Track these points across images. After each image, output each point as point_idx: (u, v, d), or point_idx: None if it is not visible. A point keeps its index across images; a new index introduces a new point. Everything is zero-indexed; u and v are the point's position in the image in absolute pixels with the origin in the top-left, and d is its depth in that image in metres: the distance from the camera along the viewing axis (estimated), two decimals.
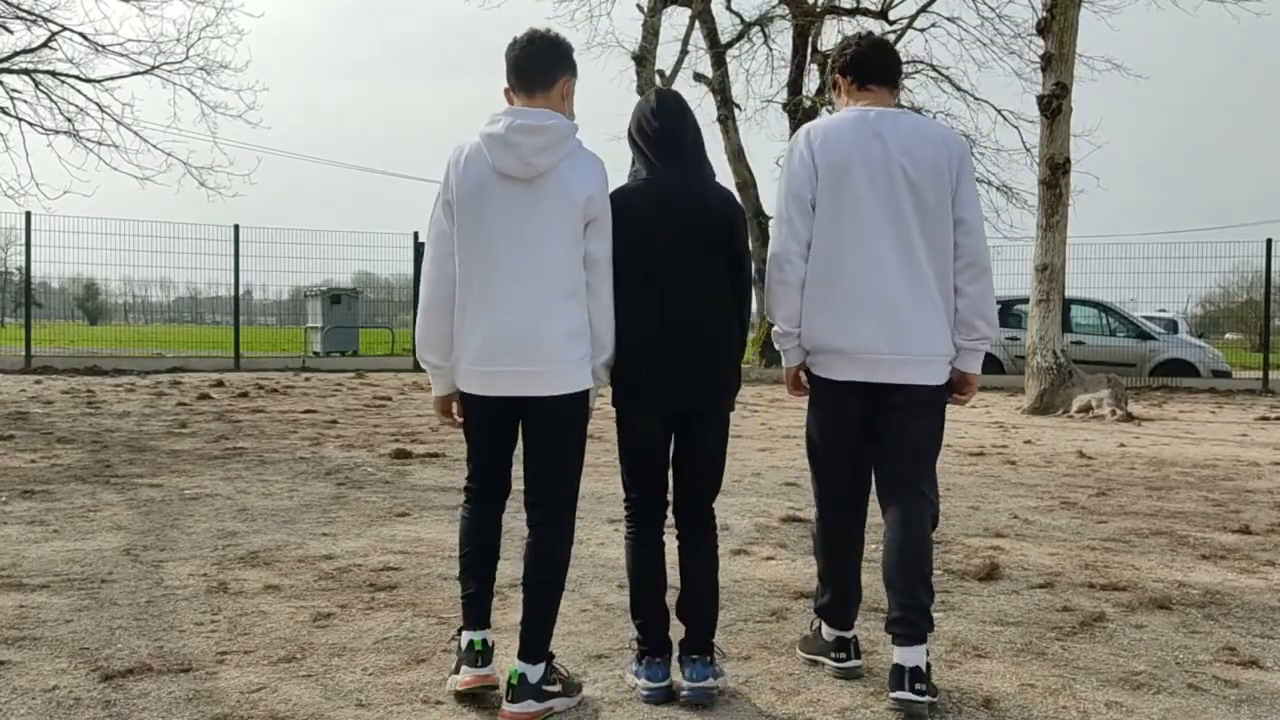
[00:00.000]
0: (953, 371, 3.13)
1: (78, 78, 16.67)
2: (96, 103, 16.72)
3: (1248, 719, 2.95)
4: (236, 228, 19.14)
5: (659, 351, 3.02)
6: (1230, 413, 12.93)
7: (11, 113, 16.55)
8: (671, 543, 3.16)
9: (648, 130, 3.11)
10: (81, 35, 16.42)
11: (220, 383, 14.70)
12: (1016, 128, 19.17)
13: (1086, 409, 12.06)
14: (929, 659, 2.95)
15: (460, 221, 2.94)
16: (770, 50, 20.62)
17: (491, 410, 2.99)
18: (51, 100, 16.63)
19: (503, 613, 3.85)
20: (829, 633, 3.28)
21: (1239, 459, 8.45)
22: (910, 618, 2.94)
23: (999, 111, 19.37)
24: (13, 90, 16.65)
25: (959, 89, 19.52)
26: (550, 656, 2.99)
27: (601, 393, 3.13)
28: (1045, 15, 12.84)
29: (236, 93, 30.25)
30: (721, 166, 19.59)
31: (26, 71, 16.66)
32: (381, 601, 3.99)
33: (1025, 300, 14.38)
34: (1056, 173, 12.57)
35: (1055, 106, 12.54)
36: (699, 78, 19.48)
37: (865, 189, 3.04)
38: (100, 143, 16.47)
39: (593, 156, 3.00)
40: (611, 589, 4.20)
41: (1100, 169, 43.66)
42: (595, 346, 3.01)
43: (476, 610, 3.07)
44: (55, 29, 16.32)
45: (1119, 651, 3.51)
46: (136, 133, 16.55)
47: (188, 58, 16.71)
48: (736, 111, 19.45)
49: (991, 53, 27.67)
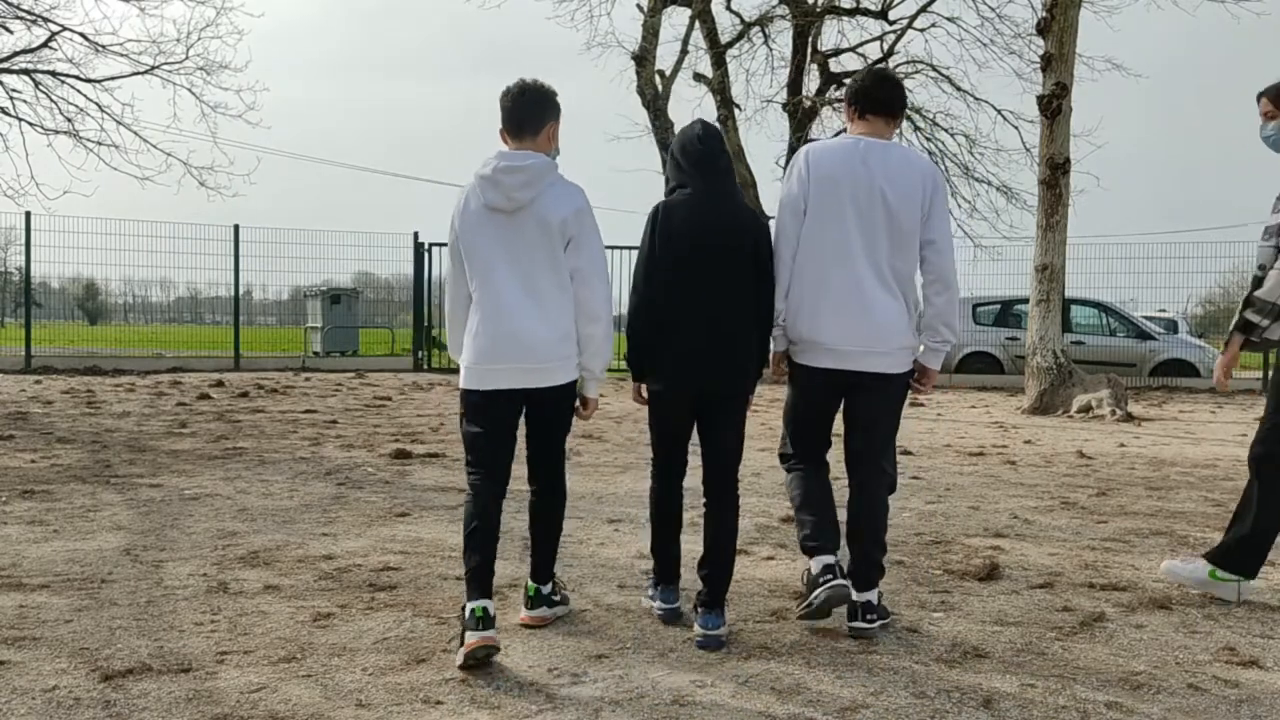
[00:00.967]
0: (916, 365, 3.76)
1: (78, 78, 16.68)
2: (96, 103, 16.74)
3: (1248, 719, 2.95)
4: (236, 228, 19.16)
5: (682, 337, 3.57)
6: (1230, 413, 12.94)
7: (11, 113, 16.56)
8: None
9: (691, 151, 3.67)
10: (81, 35, 16.44)
11: (220, 383, 14.70)
12: (1016, 128, 19.17)
13: (1086, 409, 12.06)
14: (879, 592, 3.71)
15: (466, 250, 3.52)
16: (770, 50, 20.63)
17: (494, 402, 3.50)
18: (51, 100, 16.65)
19: (503, 613, 3.86)
20: (816, 564, 3.64)
21: (1239, 459, 8.45)
22: (863, 569, 3.67)
23: (999, 111, 19.36)
24: (13, 90, 16.65)
25: (959, 89, 19.50)
26: (553, 575, 3.75)
27: (602, 393, 3.57)
28: (1045, 15, 12.84)
29: (236, 93, 30.25)
30: None
31: (26, 71, 16.66)
32: (381, 601, 3.99)
33: (1025, 300, 14.38)
34: (1056, 173, 12.58)
35: (1055, 106, 12.54)
36: (699, 78, 19.47)
37: (848, 207, 3.59)
38: (100, 143, 16.48)
39: (571, 185, 3.53)
40: (611, 589, 4.20)
41: (1100, 169, 43.65)
42: (584, 346, 3.55)
43: (479, 582, 3.40)
44: (55, 29, 16.33)
45: (1119, 651, 3.51)
46: (136, 133, 16.56)
47: (188, 58, 16.72)
48: (736, 111, 19.44)
49: (991, 53, 27.79)
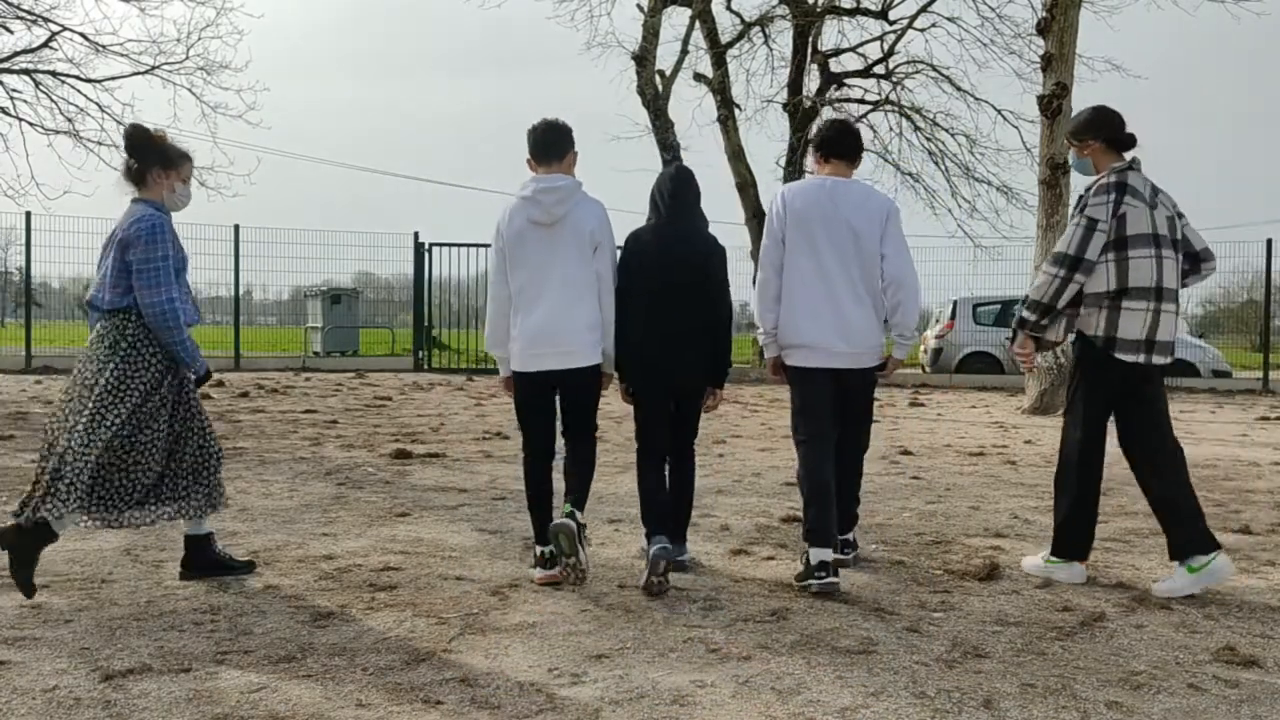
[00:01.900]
0: (885, 356, 4.57)
1: (78, 78, 16.70)
2: (97, 103, 16.75)
3: (1248, 719, 2.95)
4: (236, 228, 19.15)
5: (655, 348, 4.40)
6: (1230, 413, 12.94)
7: (11, 113, 16.57)
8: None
9: (665, 191, 4.51)
10: (82, 35, 16.46)
11: (220, 383, 14.70)
12: (1016, 128, 19.10)
13: None
14: (854, 533, 4.73)
15: (510, 256, 4.32)
16: (770, 50, 20.56)
17: (535, 384, 4.35)
18: (52, 100, 16.66)
19: (503, 613, 3.86)
20: (814, 555, 4.20)
21: (1239, 459, 8.46)
22: (843, 518, 4.56)
23: (999, 111, 19.29)
24: (13, 90, 16.67)
25: (959, 89, 19.42)
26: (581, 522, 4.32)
27: (609, 371, 4.47)
28: (1045, 15, 12.83)
29: (237, 93, 30.07)
30: (722, 167, 19.61)
31: (27, 71, 16.67)
32: (381, 601, 3.99)
33: None
34: (1056, 173, 12.56)
35: (1055, 107, 12.53)
36: (699, 78, 19.44)
37: (821, 235, 4.38)
38: (100, 143, 16.50)
39: (595, 201, 4.37)
40: (612, 589, 4.21)
41: None
42: (603, 333, 4.38)
43: (543, 529, 4.31)
44: (55, 29, 16.35)
45: (1119, 651, 3.51)
46: None
47: (188, 58, 16.74)
48: (736, 111, 19.42)
49: (991, 53, 27.67)
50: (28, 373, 16.35)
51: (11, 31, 16.18)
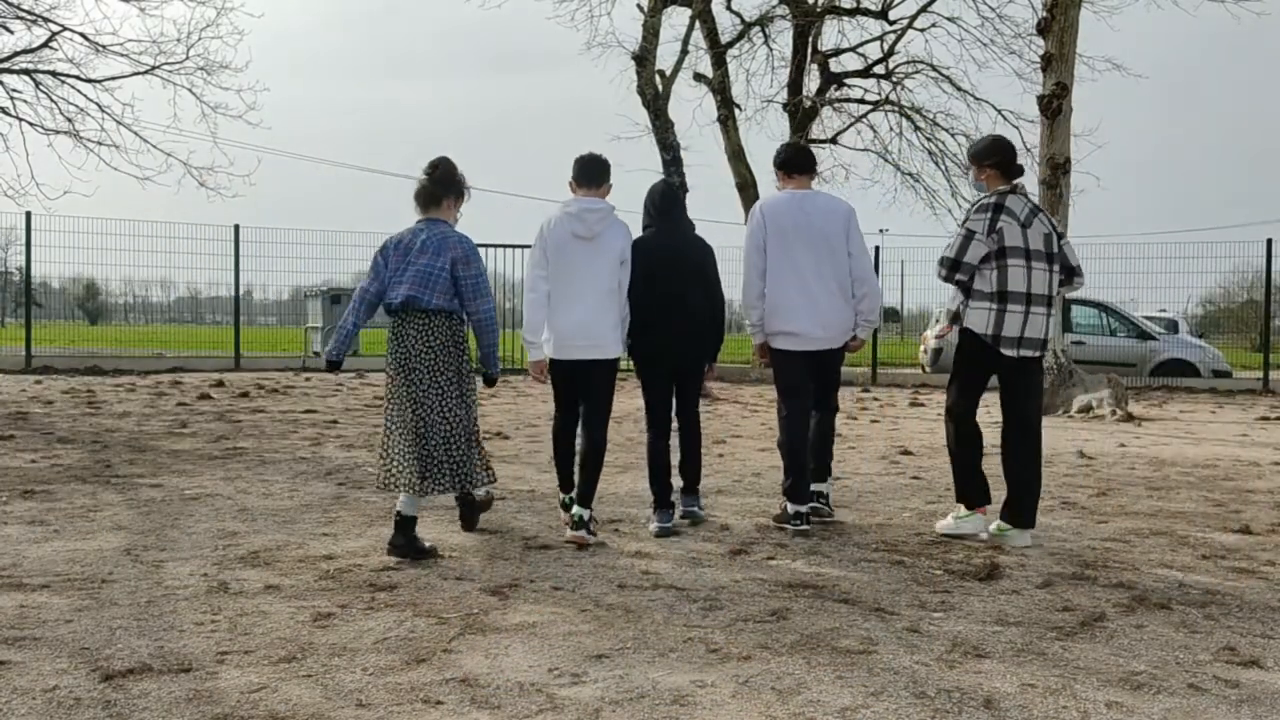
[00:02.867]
0: (851, 338, 5.53)
1: (78, 78, 16.64)
2: (97, 103, 16.69)
3: (1248, 719, 2.95)
4: (236, 228, 19.13)
5: (661, 334, 5.34)
6: (1230, 413, 12.93)
7: (11, 113, 16.52)
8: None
9: (657, 202, 5.55)
10: (82, 35, 16.38)
11: (220, 383, 14.71)
12: (1017, 128, 19.02)
13: (1087, 409, 12.06)
14: (829, 486, 5.68)
15: (552, 262, 5.14)
16: (770, 50, 20.53)
17: (568, 368, 5.22)
18: (52, 100, 16.60)
19: (503, 613, 3.86)
20: (791, 508, 5.29)
21: (1239, 459, 8.45)
22: (819, 472, 5.56)
23: (999, 111, 19.24)
24: (13, 90, 16.62)
25: (959, 89, 19.40)
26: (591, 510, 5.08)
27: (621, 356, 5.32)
28: (1045, 15, 12.83)
29: (237, 93, 29.92)
30: (722, 167, 19.59)
31: (27, 71, 16.64)
32: (381, 601, 3.99)
33: None
34: (1057, 173, 12.56)
35: (1055, 106, 12.53)
36: (699, 78, 19.41)
37: (795, 240, 5.36)
38: (100, 143, 16.42)
39: (623, 224, 5.25)
40: (611, 589, 4.21)
41: (1100, 169, 43.68)
42: (623, 331, 5.25)
43: (567, 481, 5.34)
44: (55, 29, 16.29)
45: (1119, 651, 3.51)
46: (137, 133, 16.48)
47: (188, 58, 16.66)
48: (736, 111, 19.40)
49: (991, 53, 27.58)
50: (28, 373, 16.35)
51: (11, 31, 16.16)
